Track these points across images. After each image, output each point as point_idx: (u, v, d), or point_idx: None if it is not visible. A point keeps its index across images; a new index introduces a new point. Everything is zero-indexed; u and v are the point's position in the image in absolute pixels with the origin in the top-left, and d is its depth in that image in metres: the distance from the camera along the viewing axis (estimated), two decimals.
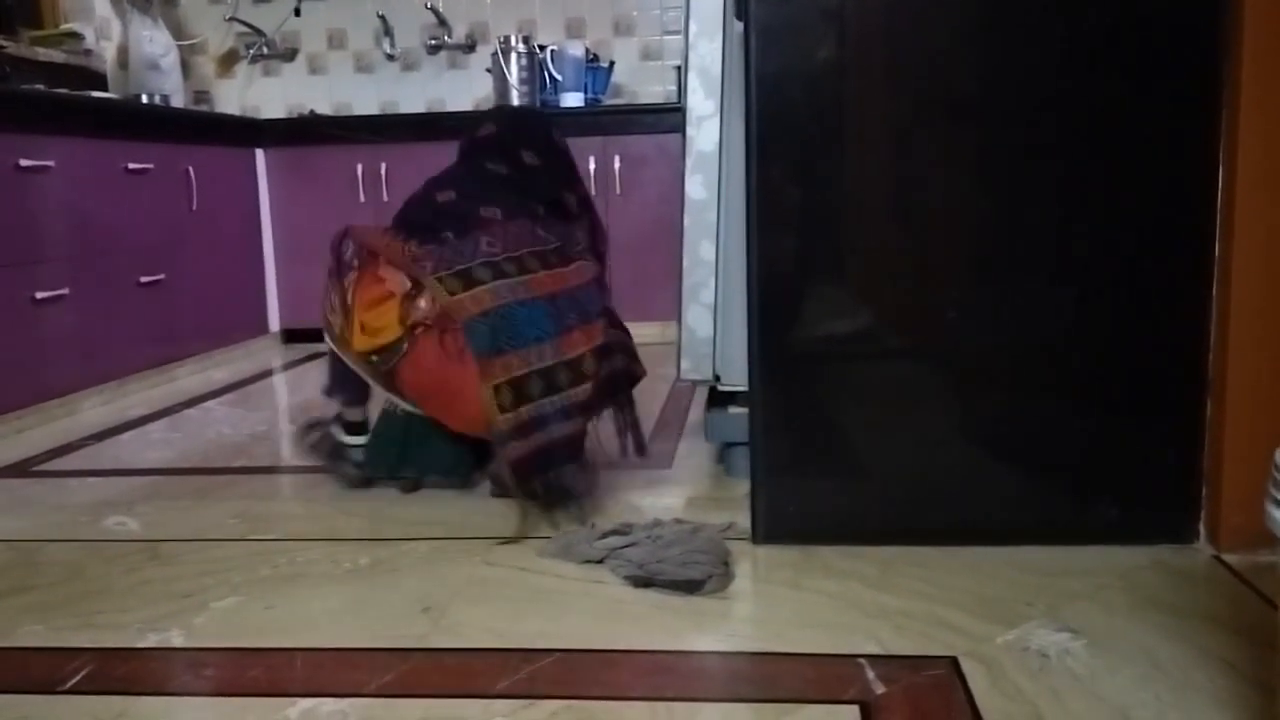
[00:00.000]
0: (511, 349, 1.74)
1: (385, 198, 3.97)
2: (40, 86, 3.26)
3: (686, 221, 1.98)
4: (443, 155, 3.95)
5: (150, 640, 1.40)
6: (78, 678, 1.30)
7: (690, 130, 1.96)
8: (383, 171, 3.97)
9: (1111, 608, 1.41)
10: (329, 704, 1.21)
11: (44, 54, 3.61)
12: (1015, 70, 1.59)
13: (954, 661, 1.26)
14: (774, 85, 1.62)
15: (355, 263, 1.87)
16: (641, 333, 3.91)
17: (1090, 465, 1.63)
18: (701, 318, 1.99)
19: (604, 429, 1.94)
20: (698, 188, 1.97)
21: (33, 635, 1.44)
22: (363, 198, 4.00)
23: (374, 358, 1.83)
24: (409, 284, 1.81)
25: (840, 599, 1.46)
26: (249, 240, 3.97)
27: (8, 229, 2.69)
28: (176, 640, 1.40)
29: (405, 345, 1.79)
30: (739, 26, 1.89)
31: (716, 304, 1.98)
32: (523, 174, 1.98)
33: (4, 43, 3.33)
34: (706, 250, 1.97)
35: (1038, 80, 1.58)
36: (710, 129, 1.95)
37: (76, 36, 3.80)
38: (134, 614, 1.49)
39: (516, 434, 1.74)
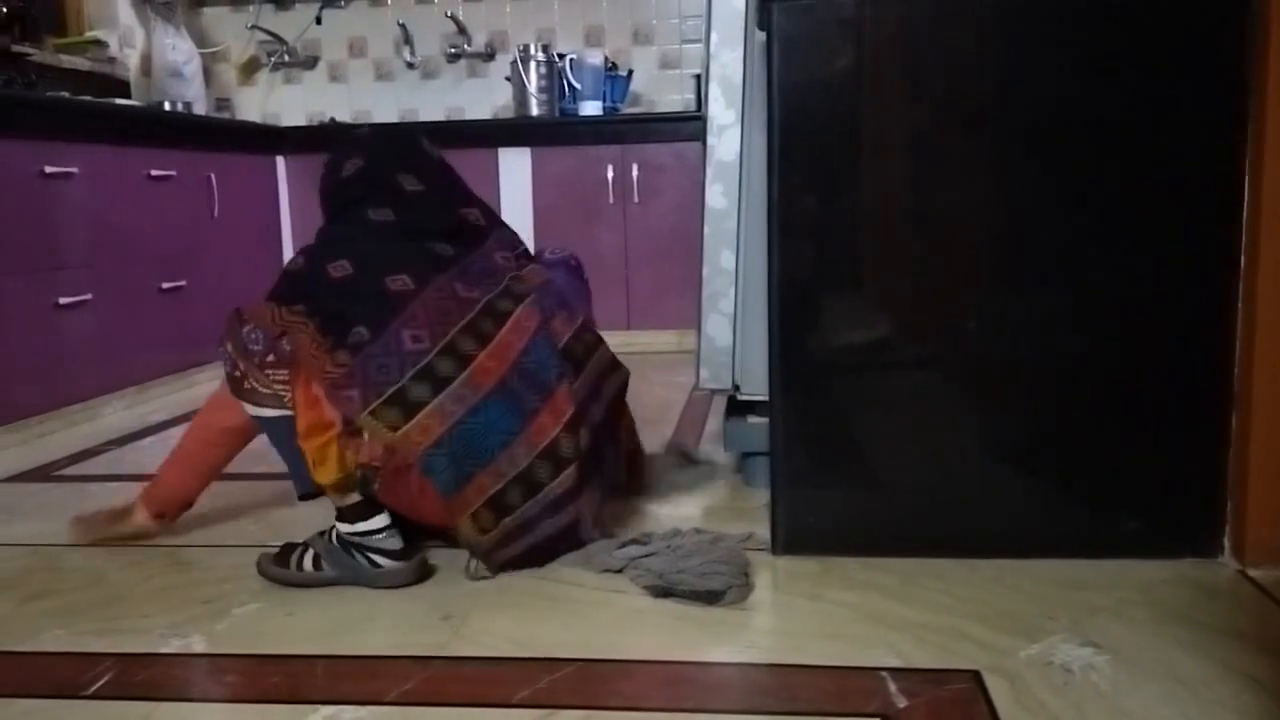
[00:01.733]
0: (479, 469, 1.54)
1: None
2: (65, 94, 3.29)
3: (706, 230, 1.98)
4: (463, 163, 3.97)
5: (172, 646, 1.41)
6: (100, 683, 1.30)
7: (711, 139, 1.96)
8: None
9: (1135, 622, 1.40)
10: (349, 711, 1.21)
11: (68, 61, 3.65)
12: (1035, 80, 1.58)
13: (977, 675, 1.26)
14: (796, 95, 1.62)
15: (271, 357, 1.61)
16: (658, 341, 3.95)
17: (1113, 478, 1.62)
18: (721, 327, 1.99)
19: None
20: (718, 197, 1.97)
21: (55, 640, 1.44)
22: None
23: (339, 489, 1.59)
24: (338, 416, 1.57)
25: (861, 611, 1.46)
26: (269, 247, 3.99)
27: (32, 235, 2.72)
28: (198, 646, 1.40)
29: (360, 473, 1.58)
30: (761, 36, 1.89)
31: (736, 313, 1.97)
32: (411, 209, 1.71)
33: (29, 50, 3.36)
34: (726, 259, 1.97)
35: (1058, 90, 1.58)
36: (731, 138, 1.95)
37: (101, 44, 3.84)
38: (156, 619, 1.50)
39: (502, 545, 1.59)
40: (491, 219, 1.82)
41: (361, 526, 1.57)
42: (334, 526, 1.60)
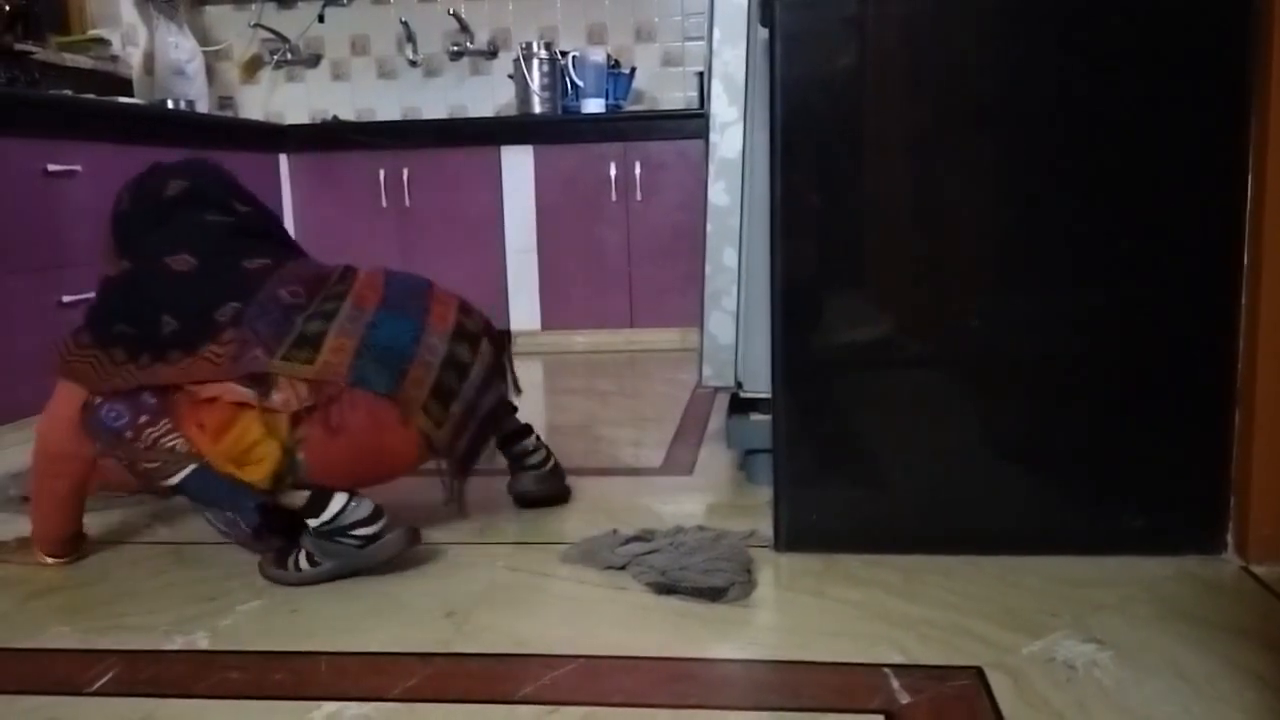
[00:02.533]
0: (407, 363, 1.57)
1: (407, 203, 3.99)
2: (68, 92, 3.30)
3: (709, 228, 1.98)
4: (466, 161, 3.98)
5: (176, 643, 1.41)
6: (105, 679, 1.31)
7: (714, 136, 1.96)
8: (405, 177, 3.99)
9: (1138, 619, 1.40)
10: (353, 708, 1.21)
11: (71, 60, 3.65)
12: (1037, 77, 1.58)
13: (979, 672, 1.26)
14: (798, 92, 1.62)
15: (144, 418, 1.51)
16: (661, 338, 3.95)
17: (1116, 475, 1.62)
18: (723, 324, 1.99)
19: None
20: (720, 194, 1.97)
21: (59, 637, 1.45)
22: (385, 203, 4.02)
23: (283, 483, 1.54)
24: (249, 390, 1.52)
25: (864, 608, 1.46)
26: None
27: (36, 233, 2.72)
28: (202, 643, 1.41)
29: (298, 453, 1.53)
30: (763, 33, 1.89)
31: (739, 310, 1.97)
32: (246, 218, 1.70)
33: (32, 48, 3.37)
34: (729, 257, 1.97)
35: (1060, 85, 1.57)
36: (734, 135, 1.95)
37: (103, 42, 3.84)
38: (160, 616, 1.50)
39: (456, 435, 1.63)
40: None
41: (326, 514, 1.54)
42: (307, 525, 1.57)
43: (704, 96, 2.07)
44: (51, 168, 2.75)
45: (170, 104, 3.86)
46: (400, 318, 1.61)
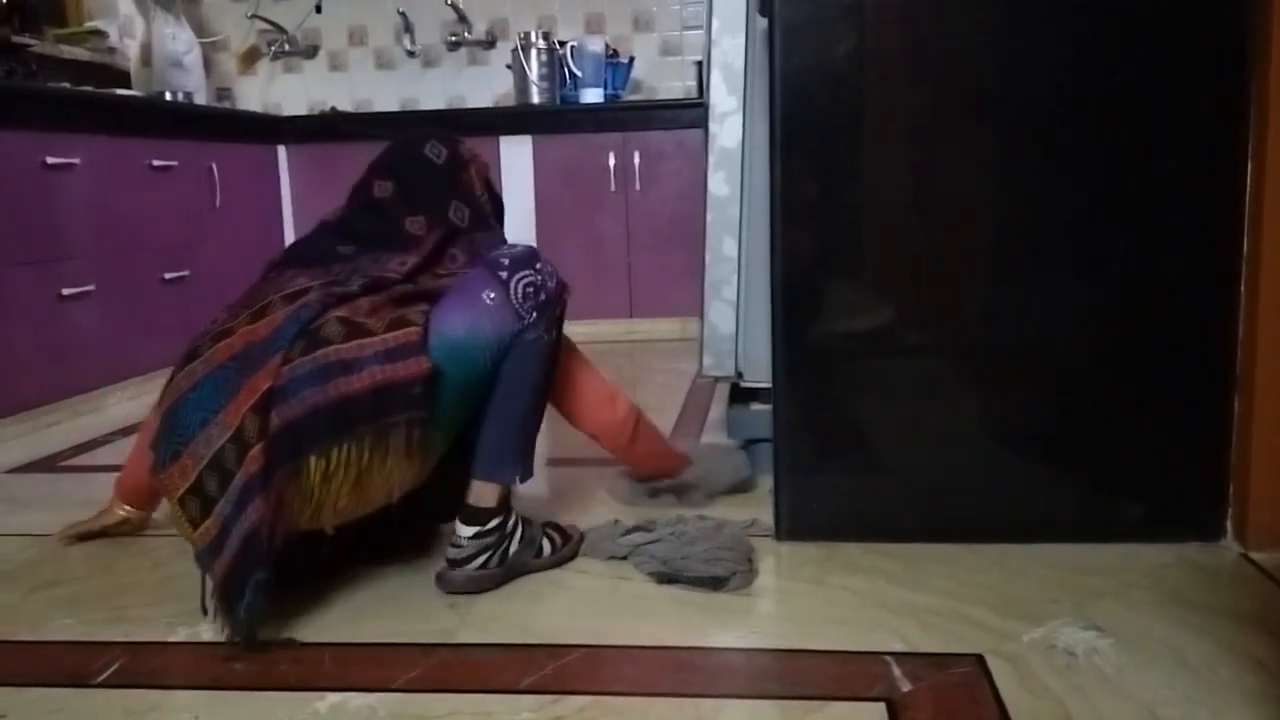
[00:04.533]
0: (183, 447, 1.38)
1: None
2: (65, 84, 3.29)
3: (709, 218, 1.98)
4: None
5: (180, 635, 1.42)
6: (109, 671, 1.31)
7: (713, 126, 1.96)
8: None
9: (1138, 606, 1.40)
10: (358, 698, 1.22)
11: (69, 52, 3.64)
12: (1037, 64, 1.58)
13: (980, 659, 1.26)
14: (798, 81, 1.61)
15: None
16: (661, 328, 3.95)
17: (1116, 462, 1.62)
18: (724, 314, 1.99)
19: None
20: (720, 184, 1.97)
21: (64, 629, 1.45)
22: None
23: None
24: None
25: (865, 596, 1.46)
26: (271, 237, 3.98)
27: (35, 226, 2.72)
28: (206, 635, 1.41)
29: None
30: (762, 22, 1.89)
31: (739, 300, 1.98)
32: (353, 213, 1.68)
33: (30, 41, 3.36)
34: (729, 246, 1.97)
35: (1060, 74, 1.57)
36: (733, 125, 1.95)
37: (100, 34, 3.83)
38: (163, 608, 1.50)
39: (213, 550, 1.36)
40: (439, 227, 1.62)
41: None
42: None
43: (703, 86, 2.07)
44: (50, 160, 2.75)
45: (168, 96, 3.85)
46: (216, 390, 1.39)
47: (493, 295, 1.49)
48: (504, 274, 1.51)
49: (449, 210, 1.65)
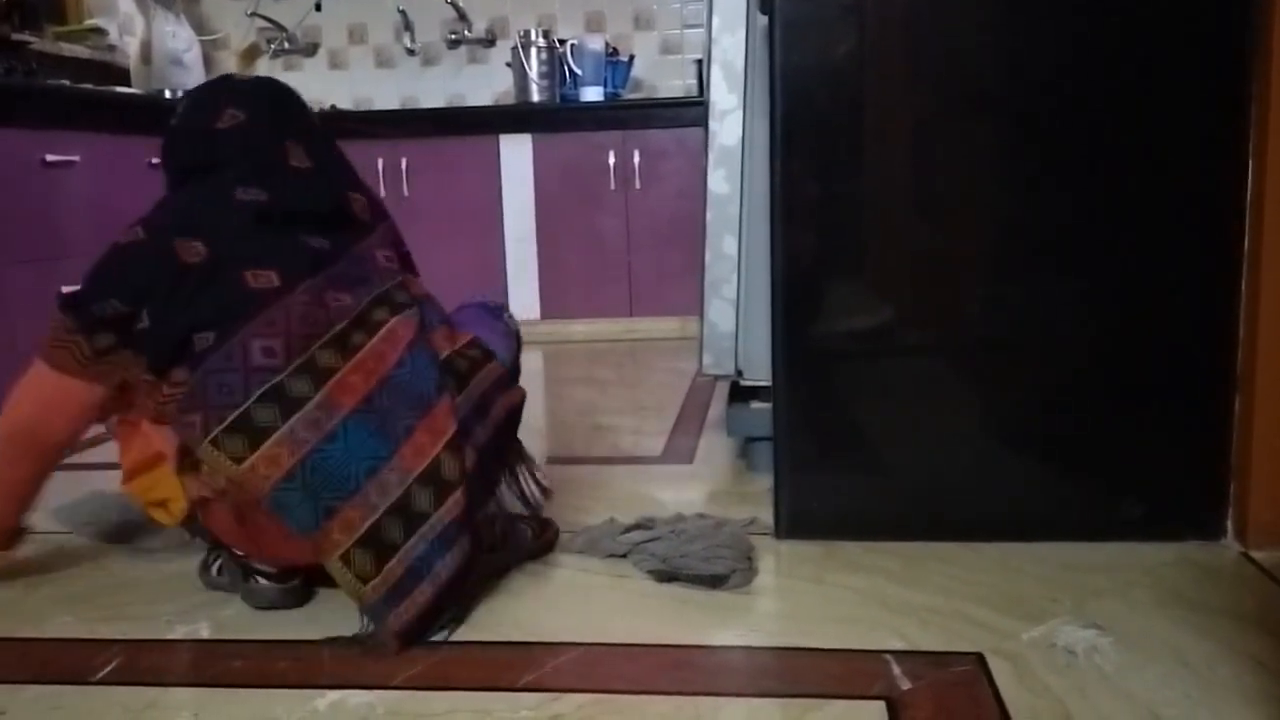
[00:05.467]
0: (342, 502, 1.30)
1: (406, 192, 3.98)
2: (65, 82, 3.29)
3: (709, 216, 1.98)
4: (464, 151, 3.97)
5: (179, 632, 1.42)
6: (108, 669, 1.31)
7: (713, 124, 1.96)
8: (403, 166, 3.98)
9: (1138, 605, 1.40)
10: (357, 696, 1.22)
11: (68, 49, 3.64)
12: (1038, 62, 1.58)
13: (980, 658, 1.26)
14: (798, 79, 1.61)
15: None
16: (660, 327, 3.95)
17: (1116, 461, 1.62)
18: (724, 312, 1.99)
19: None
20: (720, 182, 1.96)
21: (63, 626, 1.45)
22: (384, 192, 4.01)
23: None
24: (176, 447, 1.37)
25: (865, 594, 1.46)
26: None
27: (34, 224, 2.71)
28: (205, 632, 1.41)
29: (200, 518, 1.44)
30: (763, 20, 1.88)
31: (739, 299, 1.97)
32: (288, 190, 1.45)
33: (29, 38, 3.36)
34: (729, 245, 1.97)
35: (1060, 72, 1.57)
36: (733, 123, 1.94)
37: (100, 32, 3.83)
38: (162, 606, 1.50)
39: (393, 599, 1.31)
40: (378, 211, 1.55)
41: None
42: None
43: (703, 84, 2.07)
44: (50, 158, 2.75)
45: (168, 94, 3.84)
46: (372, 435, 1.33)
47: (504, 325, 1.63)
48: (496, 309, 1.66)
49: (370, 191, 1.56)
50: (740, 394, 2.05)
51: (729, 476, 2.08)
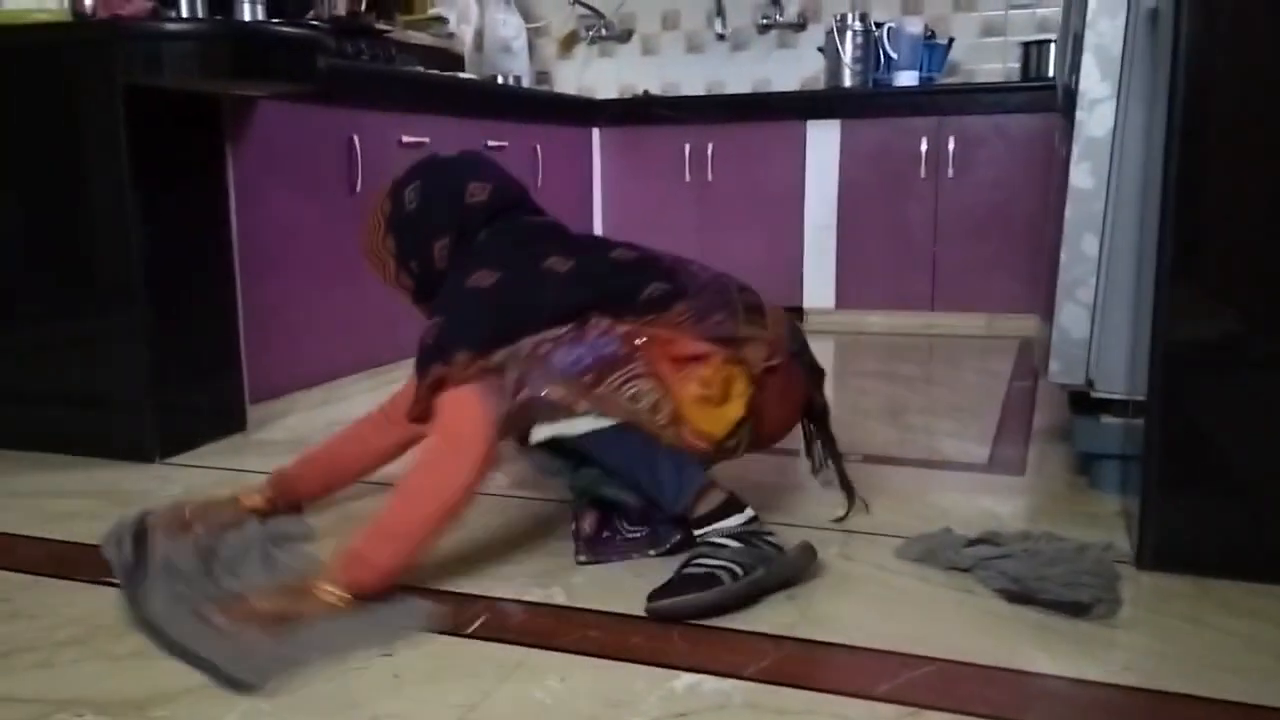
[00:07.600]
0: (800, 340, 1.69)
1: (709, 177, 4.03)
2: (420, 68, 3.56)
3: (1068, 213, 1.84)
4: (768, 135, 3.96)
5: (535, 595, 1.49)
6: (477, 623, 1.40)
7: (1080, 114, 1.82)
8: (709, 152, 4.03)
9: None
10: (711, 681, 1.23)
11: (415, 37, 3.95)
12: None
13: None
14: (1205, 61, 1.46)
15: (608, 361, 1.46)
16: (966, 324, 3.78)
17: None
18: (1077, 317, 1.85)
19: None
20: (1084, 176, 1.82)
21: (431, 578, 1.55)
22: (688, 177, 4.08)
23: (730, 441, 1.50)
24: (717, 349, 1.50)
25: (1252, 642, 1.32)
26: (583, 218, 4.16)
27: None
28: (559, 598, 1.48)
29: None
30: (1147, 4, 1.74)
31: (1096, 303, 1.83)
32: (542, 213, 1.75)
33: (386, 27, 3.66)
34: (1089, 244, 1.83)
35: None
36: (1104, 113, 1.79)
37: (442, 20, 4.13)
38: (516, 568, 1.59)
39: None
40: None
41: (736, 520, 1.45)
42: (709, 540, 1.45)
43: (1027, 68, 1.92)
44: (405, 139, 2.99)
45: (499, 79, 4.09)
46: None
47: None
48: None
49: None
50: (1087, 405, 1.91)
51: (1067, 493, 1.94)
